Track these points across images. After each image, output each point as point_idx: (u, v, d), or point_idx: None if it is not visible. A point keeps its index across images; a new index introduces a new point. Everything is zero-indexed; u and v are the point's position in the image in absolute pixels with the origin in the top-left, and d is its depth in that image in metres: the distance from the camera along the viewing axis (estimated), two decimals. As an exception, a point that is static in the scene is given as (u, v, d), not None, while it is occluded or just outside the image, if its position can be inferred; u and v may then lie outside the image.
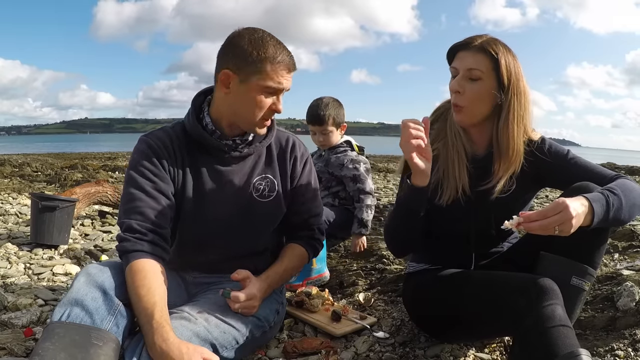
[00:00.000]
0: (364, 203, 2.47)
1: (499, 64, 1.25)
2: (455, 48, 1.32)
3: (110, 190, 3.65)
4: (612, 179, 1.27)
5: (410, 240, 1.38)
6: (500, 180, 1.33)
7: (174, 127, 1.40)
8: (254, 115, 1.31)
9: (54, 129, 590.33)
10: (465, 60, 1.28)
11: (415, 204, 1.27)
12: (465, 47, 1.29)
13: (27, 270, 2.30)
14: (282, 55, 1.27)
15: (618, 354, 1.29)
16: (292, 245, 1.51)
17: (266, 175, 1.43)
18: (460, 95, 1.29)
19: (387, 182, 7.00)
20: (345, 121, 2.58)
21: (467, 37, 1.31)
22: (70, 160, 10.36)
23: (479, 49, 1.27)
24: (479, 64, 1.26)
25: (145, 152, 1.31)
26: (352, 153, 2.55)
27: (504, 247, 1.50)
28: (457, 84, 1.29)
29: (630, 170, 8.73)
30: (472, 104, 1.29)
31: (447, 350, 1.42)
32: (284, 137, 1.49)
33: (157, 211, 1.26)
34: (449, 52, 1.34)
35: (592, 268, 1.21)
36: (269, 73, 1.26)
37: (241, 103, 1.30)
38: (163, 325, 1.06)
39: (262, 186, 1.42)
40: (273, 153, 1.46)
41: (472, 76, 1.27)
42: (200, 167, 1.37)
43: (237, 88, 1.29)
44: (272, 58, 1.26)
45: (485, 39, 1.29)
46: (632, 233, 2.40)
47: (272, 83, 1.27)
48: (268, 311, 1.39)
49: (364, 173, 2.51)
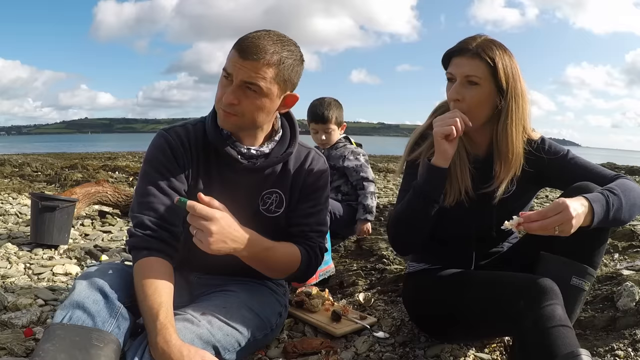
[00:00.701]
0: (368, 190, 2.58)
1: (497, 69, 1.25)
2: (450, 54, 1.31)
3: (110, 190, 3.64)
4: (612, 179, 1.28)
5: (419, 233, 1.32)
6: (502, 183, 1.33)
7: (196, 125, 1.35)
8: (216, 103, 1.26)
9: (54, 129, 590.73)
10: (462, 66, 1.27)
11: (432, 187, 1.26)
12: (460, 53, 1.28)
13: (27, 270, 2.29)
14: (246, 40, 1.17)
15: (618, 354, 1.30)
16: (289, 243, 1.37)
17: (276, 190, 1.38)
18: (459, 103, 1.28)
19: (387, 182, 6.99)
20: (344, 121, 2.69)
21: (461, 41, 1.30)
22: (70, 160, 10.36)
23: (474, 54, 1.25)
24: (476, 70, 1.25)
25: (162, 147, 1.29)
26: (351, 146, 2.69)
27: (504, 247, 1.50)
28: (455, 92, 1.28)
29: (630, 170, 8.72)
30: (473, 110, 1.28)
31: (447, 350, 1.42)
32: (304, 152, 1.42)
33: (169, 208, 1.25)
34: (444, 57, 1.34)
35: (592, 268, 1.21)
36: (228, 56, 1.20)
37: None
38: (167, 327, 1.05)
39: (270, 200, 1.38)
40: (289, 168, 1.38)
41: (470, 81, 1.27)
42: (213, 171, 1.34)
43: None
44: (237, 42, 1.18)
45: (480, 42, 1.27)
46: (632, 233, 2.40)
47: (225, 66, 1.20)
48: (270, 313, 1.38)
49: (365, 163, 2.64)
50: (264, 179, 1.36)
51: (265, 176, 1.36)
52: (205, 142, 1.33)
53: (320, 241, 1.43)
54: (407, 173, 1.42)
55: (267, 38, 1.19)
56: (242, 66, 1.17)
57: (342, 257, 2.59)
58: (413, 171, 1.38)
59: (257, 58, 1.16)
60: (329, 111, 2.53)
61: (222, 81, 1.23)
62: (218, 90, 1.25)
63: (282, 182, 1.38)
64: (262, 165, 1.34)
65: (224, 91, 1.21)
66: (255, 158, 1.33)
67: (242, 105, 1.21)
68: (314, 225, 1.42)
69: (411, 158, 1.40)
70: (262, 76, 1.18)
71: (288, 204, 1.40)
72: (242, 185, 1.35)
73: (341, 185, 2.64)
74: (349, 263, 2.46)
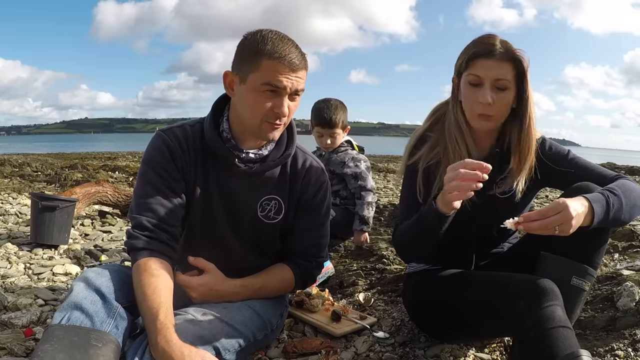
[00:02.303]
0: (365, 200, 2.52)
1: (525, 74, 1.26)
2: (476, 55, 1.27)
3: (110, 190, 3.64)
4: (612, 179, 1.27)
5: (426, 251, 1.35)
6: (519, 183, 1.34)
7: (195, 126, 1.34)
8: (254, 118, 1.23)
9: (54, 129, 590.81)
10: (492, 70, 1.25)
11: (437, 229, 1.23)
12: (488, 55, 1.25)
13: (27, 270, 2.30)
14: (283, 50, 1.18)
15: (618, 354, 1.29)
16: (281, 266, 1.43)
17: (275, 196, 1.37)
18: (490, 106, 1.27)
19: (387, 182, 7.00)
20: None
21: (484, 42, 1.27)
22: (70, 160, 10.36)
23: (504, 57, 1.24)
24: (506, 74, 1.25)
25: (160, 148, 1.29)
26: (353, 152, 2.62)
27: (504, 247, 1.50)
28: (489, 97, 1.25)
29: (630, 170, 8.72)
30: (500, 113, 1.29)
31: (447, 350, 1.42)
32: (302, 159, 1.40)
33: (167, 209, 1.25)
34: (468, 58, 1.28)
35: (592, 268, 1.21)
36: (266, 70, 1.18)
37: (242, 105, 1.24)
38: (167, 327, 1.05)
39: (268, 207, 1.37)
40: (287, 174, 1.38)
41: (499, 86, 1.26)
42: (210, 174, 1.33)
43: (239, 90, 1.24)
44: (270, 53, 1.17)
45: (505, 43, 1.25)
46: (632, 233, 2.40)
47: (271, 80, 1.18)
48: (272, 314, 1.38)
49: (365, 171, 2.57)
50: (262, 183, 1.36)
51: (263, 181, 1.36)
52: (203, 144, 1.33)
53: (318, 257, 1.46)
54: (407, 178, 1.41)
55: (293, 43, 1.22)
56: (297, 77, 1.21)
57: (342, 257, 2.59)
58: (413, 175, 1.37)
59: (303, 67, 1.22)
60: (336, 115, 2.46)
61: (265, 94, 1.20)
62: (259, 103, 1.21)
63: (280, 188, 1.38)
64: (260, 169, 1.33)
65: (272, 102, 1.21)
66: (253, 162, 1.33)
67: (290, 112, 1.26)
68: (315, 239, 1.45)
69: (411, 162, 1.39)
70: (304, 80, 1.25)
71: (287, 211, 1.40)
72: (239, 188, 1.34)
73: (340, 190, 2.60)
74: (349, 263, 2.47)
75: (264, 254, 1.44)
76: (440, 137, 1.37)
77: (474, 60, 1.27)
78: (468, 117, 1.32)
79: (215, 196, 1.34)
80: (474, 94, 1.28)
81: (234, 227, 1.37)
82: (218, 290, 1.27)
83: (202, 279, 1.27)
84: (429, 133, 1.41)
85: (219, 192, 1.34)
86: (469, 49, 1.29)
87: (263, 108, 1.22)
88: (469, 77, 1.28)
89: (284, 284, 1.42)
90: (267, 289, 1.38)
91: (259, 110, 1.22)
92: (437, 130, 1.39)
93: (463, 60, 1.30)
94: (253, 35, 1.22)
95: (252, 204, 1.36)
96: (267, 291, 1.38)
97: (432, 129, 1.42)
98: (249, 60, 1.20)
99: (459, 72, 1.33)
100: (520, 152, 1.33)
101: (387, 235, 2.99)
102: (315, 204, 1.42)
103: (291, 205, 1.40)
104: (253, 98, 1.21)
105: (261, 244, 1.42)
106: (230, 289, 1.30)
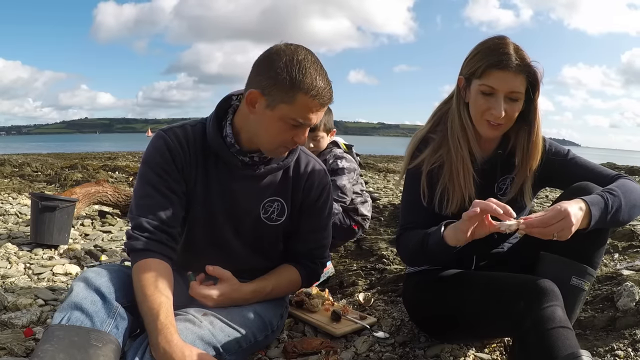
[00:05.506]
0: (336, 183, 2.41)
1: (537, 88, 1.26)
2: (491, 65, 1.23)
3: (110, 190, 3.64)
4: (612, 178, 1.28)
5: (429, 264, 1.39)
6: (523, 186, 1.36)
7: (196, 126, 1.33)
8: (273, 142, 1.24)
9: (54, 129, 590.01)
10: (507, 82, 1.23)
11: (443, 256, 1.24)
12: (505, 68, 1.22)
13: (27, 270, 2.30)
14: (319, 88, 1.16)
15: (618, 354, 1.29)
16: (288, 267, 1.44)
17: (278, 198, 1.37)
18: (502, 117, 1.26)
19: (387, 182, 6.99)
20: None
21: (498, 51, 1.23)
22: (70, 160, 10.35)
23: (519, 69, 1.22)
24: (520, 86, 1.24)
25: (160, 148, 1.28)
26: (338, 150, 2.55)
27: (504, 247, 1.50)
28: (502, 110, 1.24)
29: (630, 170, 8.72)
30: (509, 122, 1.29)
31: (447, 350, 1.42)
32: (305, 162, 1.40)
33: (167, 210, 1.25)
34: (483, 67, 1.25)
35: (592, 268, 1.21)
36: (299, 105, 1.16)
37: (263, 127, 1.22)
38: (168, 327, 1.05)
39: (271, 209, 1.37)
40: (290, 176, 1.38)
41: (512, 97, 1.25)
42: (212, 177, 1.33)
43: (262, 111, 1.20)
44: (307, 89, 1.15)
45: (521, 54, 1.23)
46: (632, 233, 2.39)
47: (300, 117, 1.18)
48: (272, 315, 1.38)
49: (343, 168, 2.47)
50: (265, 186, 1.36)
51: (266, 183, 1.35)
52: (204, 145, 1.32)
53: (322, 257, 1.48)
54: (409, 181, 1.40)
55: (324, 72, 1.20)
56: (323, 110, 1.23)
57: (342, 257, 2.59)
58: (416, 178, 1.35)
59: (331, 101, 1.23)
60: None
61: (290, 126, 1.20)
62: (283, 132, 1.21)
63: (283, 190, 1.38)
64: (262, 173, 1.33)
65: (294, 132, 1.22)
66: (255, 165, 1.32)
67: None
68: (319, 241, 1.46)
69: (413, 165, 1.37)
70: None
71: (290, 213, 1.40)
72: (242, 190, 1.34)
73: None
74: (349, 263, 2.47)
75: (267, 255, 1.44)
76: (443, 139, 1.36)
77: (489, 70, 1.24)
78: (475, 122, 1.31)
79: (217, 197, 1.33)
80: (486, 102, 1.26)
81: (236, 229, 1.37)
82: (234, 298, 1.28)
83: (221, 289, 1.26)
84: (431, 135, 1.39)
85: (221, 194, 1.33)
86: (482, 57, 1.25)
87: (284, 137, 1.23)
88: (483, 87, 1.25)
89: (292, 285, 1.45)
90: (277, 291, 1.40)
91: (279, 138, 1.23)
92: (440, 131, 1.38)
93: (477, 68, 1.26)
94: (289, 58, 1.16)
95: (255, 206, 1.36)
96: (277, 293, 1.40)
97: (434, 130, 1.40)
98: (283, 90, 1.15)
99: (468, 76, 1.29)
100: (530, 157, 1.34)
101: (387, 235, 2.99)
102: (319, 206, 1.42)
103: (294, 207, 1.40)
104: (278, 128, 1.21)
105: (263, 245, 1.42)
106: (243, 296, 1.30)
